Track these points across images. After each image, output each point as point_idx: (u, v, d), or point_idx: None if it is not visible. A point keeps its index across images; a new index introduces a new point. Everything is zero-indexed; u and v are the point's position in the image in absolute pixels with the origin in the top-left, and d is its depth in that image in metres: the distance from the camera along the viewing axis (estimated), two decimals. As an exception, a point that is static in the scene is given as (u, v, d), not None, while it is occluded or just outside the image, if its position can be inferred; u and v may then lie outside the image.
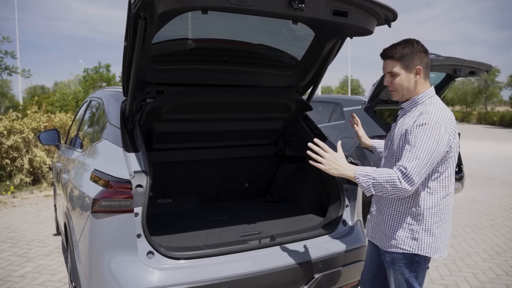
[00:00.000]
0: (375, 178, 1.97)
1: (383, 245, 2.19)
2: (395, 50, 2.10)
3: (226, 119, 3.28)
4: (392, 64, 2.12)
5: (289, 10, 2.06)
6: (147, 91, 2.85)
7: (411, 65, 2.09)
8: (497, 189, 8.53)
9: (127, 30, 2.21)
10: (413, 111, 2.13)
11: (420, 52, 2.10)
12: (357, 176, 2.02)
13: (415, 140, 1.96)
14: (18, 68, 19.94)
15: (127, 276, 2.20)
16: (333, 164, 2.06)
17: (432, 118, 1.99)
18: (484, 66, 5.53)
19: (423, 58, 2.11)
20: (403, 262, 2.12)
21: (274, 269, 2.42)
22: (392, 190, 1.95)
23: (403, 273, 2.13)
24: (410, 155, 1.94)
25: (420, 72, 2.11)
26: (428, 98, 2.13)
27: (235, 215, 3.25)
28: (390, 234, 2.15)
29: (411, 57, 2.09)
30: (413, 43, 2.11)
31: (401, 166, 1.94)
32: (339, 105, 6.45)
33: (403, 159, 1.96)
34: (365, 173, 2.01)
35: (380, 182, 1.96)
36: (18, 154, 8.19)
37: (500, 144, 18.47)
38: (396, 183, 1.93)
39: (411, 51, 2.08)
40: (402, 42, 2.13)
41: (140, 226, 2.25)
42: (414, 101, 2.14)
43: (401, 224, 2.11)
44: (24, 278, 4.07)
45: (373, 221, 2.29)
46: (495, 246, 4.97)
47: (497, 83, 46.08)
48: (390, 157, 2.21)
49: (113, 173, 2.31)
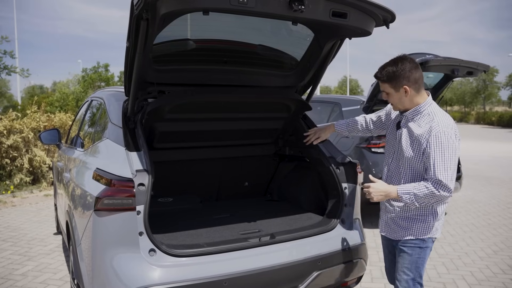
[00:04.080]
0: (415, 194, 2.22)
1: (397, 236, 2.42)
2: (382, 72, 2.31)
3: (227, 118, 3.31)
4: (382, 85, 2.36)
5: (289, 12, 2.09)
6: (148, 91, 2.87)
7: (398, 85, 2.29)
8: (495, 188, 8.57)
9: (129, 31, 2.24)
10: (417, 119, 2.32)
11: (405, 71, 2.25)
12: (400, 195, 2.27)
13: (437, 152, 2.19)
14: (17, 67, 19.95)
15: (130, 273, 2.23)
16: (377, 193, 2.32)
17: (444, 130, 2.20)
18: (482, 66, 5.57)
19: (411, 76, 2.26)
20: (417, 248, 2.37)
21: (274, 267, 2.46)
22: (433, 200, 2.23)
23: (414, 257, 2.36)
24: (440, 168, 2.17)
25: (408, 91, 2.28)
26: (428, 106, 2.33)
27: (236, 214, 3.27)
28: (403, 224, 2.39)
29: (397, 78, 2.27)
30: (398, 63, 2.27)
31: (435, 179, 2.18)
32: (338, 105, 6.49)
33: (434, 172, 2.18)
34: (406, 191, 2.25)
35: (421, 196, 2.21)
36: (18, 153, 8.20)
37: (498, 144, 18.52)
38: (435, 193, 2.19)
39: (396, 73, 2.26)
40: (390, 62, 2.31)
41: (142, 224, 2.28)
42: (416, 110, 2.34)
43: (416, 214, 2.36)
44: (25, 276, 4.10)
45: (386, 215, 2.50)
46: (492, 245, 5.01)
47: (496, 83, 46.21)
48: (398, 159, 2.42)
49: (116, 172, 2.34)
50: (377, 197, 2.32)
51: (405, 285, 2.38)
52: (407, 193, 2.25)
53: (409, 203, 2.25)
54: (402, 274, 2.39)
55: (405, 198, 2.25)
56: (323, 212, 3.04)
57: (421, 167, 2.30)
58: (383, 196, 2.33)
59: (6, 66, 18.75)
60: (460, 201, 7.34)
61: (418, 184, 2.24)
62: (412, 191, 2.23)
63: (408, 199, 2.24)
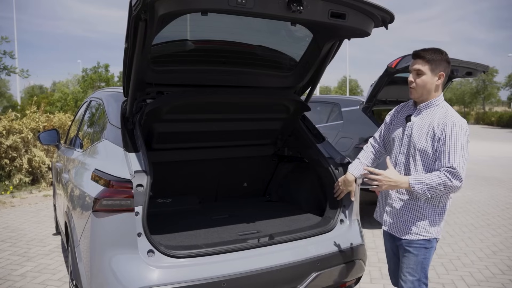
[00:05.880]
0: (428, 184, 2.21)
1: (403, 234, 2.41)
2: (427, 53, 2.34)
3: (225, 119, 3.31)
4: (422, 63, 2.35)
5: (288, 12, 2.09)
6: (147, 91, 2.87)
7: (437, 70, 2.33)
8: (494, 189, 8.58)
9: (128, 32, 2.24)
10: (429, 112, 2.37)
11: (445, 61, 2.36)
12: (412, 185, 2.25)
13: (452, 140, 2.22)
14: (16, 68, 19.93)
15: (128, 274, 2.23)
16: (387, 182, 2.30)
17: (459, 121, 2.27)
18: (481, 66, 5.58)
19: (446, 68, 2.37)
20: (423, 248, 2.36)
21: (273, 267, 2.46)
22: (444, 190, 2.22)
23: (419, 258, 2.37)
24: (454, 155, 2.20)
25: (442, 78, 2.35)
26: (442, 101, 2.40)
27: (234, 214, 3.27)
28: (411, 222, 2.38)
29: (439, 62, 2.33)
30: (443, 52, 2.37)
31: (448, 167, 2.20)
32: (337, 105, 6.49)
33: (448, 160, 2.20)
34: (418, 181, 2.24)
35: (433, 186, 2.21)
36: (17, 154, 8.20)
37: (497, 144, 18.53)
38: (447, 183, 2.18)
39: (439, 58, 2.33)
40: (433, 48, 2.38)
41: (140, 225, 2.28)
42: (431, 103, 2.38)
43: (423, 213, 2.35)
44: (24, 277, 4.10)
45: (393, 212, 2.48)
46: (491, 245, 5.02)
47: (495, 83, 46.22)
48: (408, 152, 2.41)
49: (114, 173, 2.34)
50: (385, 186, 2.29)
51: (410, 285, 2.38)
52: (420, 183, 2.22)
53: (421, 193, 2.23)
54: (407, 275, 2.38)
55: (417, 188, 2.22)
56: (322, 212, 3.04)
57: (433, 158, 2.30)
58: (394, 185, 2.29)
59: (6, 66, 18.74)
60: (459, 201, 7.34)
61: (431, 174, 2.24)
62: (425, 181, 2.21)
63: (420, 189, 2.22)
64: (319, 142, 3.22)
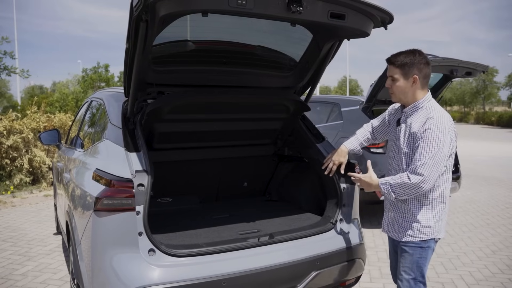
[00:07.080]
0: (391, 184, 2.28)
1: (399, 236, 2.43)
2: (397, 58, 2.34)
3: (226, 119, 3.32)
4: (393, 70, 2.36)
5: (287, 13, 2.11)
6: (148, 92, 2.89)
7: (409, 74, 2.32)
8: (494, 188, 8.59)
9: (129, 32, 2.25)
10: (415, 115, 2.35)
11: (420, 63, 2.31)
12: (380, 186, 2.34)
13: (424, 143, 2.22)
14: (17, 68, 19.92)
15: (129, 273, 2.24)
16: (364, 185, 2.44)
17: (437, 123, 2.23)
18: (481, 66, 5.59)
19: (422, 69, 2.32)
20: (418, 248, 2.38)
21: (273, 266, 2.47)
22: (409, 189, 2.24)
23: (415, 258, 2.39)
24: (418, 156, 2.22)
25: (416, 81, 2.32)
26: (427, 102, 2.36)
27: (235, 214, 3.29)
28: (406, 225, 2.40)
29: (410, 66, 2.31)
30: (415, 54, 2.33)
31: (411, 166, 2.25)
32: (337, 105, 6.50)
33: (415, 162, 2.24)
34: (383, 182, 2.33)
35: (395, 185, 2.27)
36: (17, 154, 8.21)
37: (497, 144, 18.53)
38: (405, 181, 2.22)
39: (411, 61, 2.30)
40: (406, 51, 2.36)
41: (141, 224, 2.29)
42: (415, 106, 2.37)
43: (416, 215, 2.37)
44: (25, 276, 4.11)
45: (389, 215, 2.52)
46: (491, 245, 5.03)
47: (495, 83, 46.18)
48: (398, 157, 2.44)
49: (115, 172, 2.36)
50: (365, 188, 2.43)
51: (406, 284, 2.40)
52: (384, 183, 2.31)
53: (386, 193, 2.31)
54: (403, 274, 2.42)
55: (383, 188, 2.32)
56: (322, 212, 3.06)
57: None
58: (369, 188, 2.41)
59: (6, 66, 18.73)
60: (459, 201, 7.35)
61: (398, 174, 2.30)
62: (388, 181, 2.29)
63: (385, 189, 2.31)
64: (319, 142, 3.23)
